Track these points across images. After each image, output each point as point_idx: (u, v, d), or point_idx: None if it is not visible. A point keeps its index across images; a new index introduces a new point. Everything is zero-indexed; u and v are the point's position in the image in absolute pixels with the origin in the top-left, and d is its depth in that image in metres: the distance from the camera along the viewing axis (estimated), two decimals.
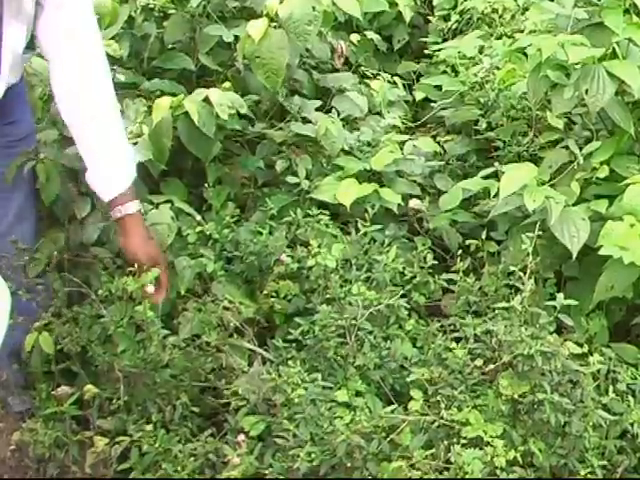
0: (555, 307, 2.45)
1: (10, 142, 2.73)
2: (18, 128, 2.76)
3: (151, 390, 2.63)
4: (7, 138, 2.73)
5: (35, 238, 2.81)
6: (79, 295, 2.78)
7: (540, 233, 2.62)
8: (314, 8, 2.97)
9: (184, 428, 2.55)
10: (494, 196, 3.06)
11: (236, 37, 3.19)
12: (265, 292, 2.81)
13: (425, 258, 2.85)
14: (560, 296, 2.46)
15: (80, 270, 2.83)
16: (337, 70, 3.66)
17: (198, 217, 2.88)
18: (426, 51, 4.25)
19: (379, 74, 3.88)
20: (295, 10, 2.97)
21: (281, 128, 3.22)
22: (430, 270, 2.84)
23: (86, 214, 2.83)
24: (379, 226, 2.92)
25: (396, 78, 3.92)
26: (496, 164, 3.14)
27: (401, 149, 3.27)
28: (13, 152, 2.73)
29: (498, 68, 3.58)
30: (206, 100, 2.90)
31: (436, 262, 2.88)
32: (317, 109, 3.33)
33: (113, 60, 3.11)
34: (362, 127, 3.39)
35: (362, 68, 3.91)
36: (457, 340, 2.56)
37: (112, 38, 3.13)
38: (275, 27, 3.04)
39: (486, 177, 3.17)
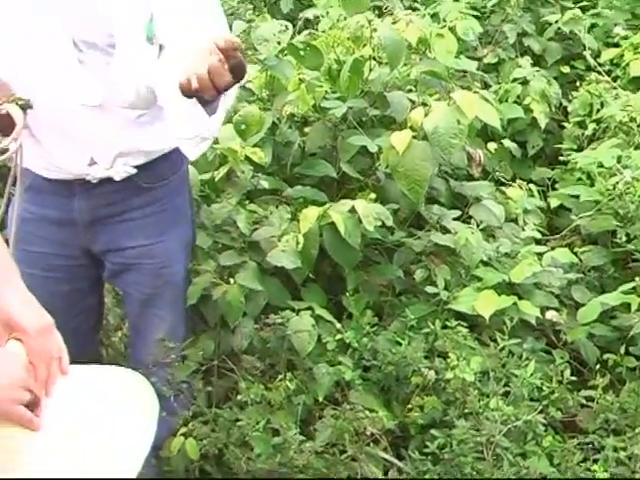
0: None
1: (162, 262, 2.78)
2: (170, 245, 2.79)
3: None
4: (157, 259, 2.77)
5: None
6: (225, 399, 2.87)
7: None
8: (459, 121, 3.04)
9: None
10: (635, 311, 3.05)
11: (378, 146, 3.27)
12: (409, 406, 2.84)
13: (562, 372, 2.86)
14: None
15: (228, 375, 2.91)
16: (473, 177, 3.71)
17: (338, 325, 2.95)
18: (561, 157, 4.28)
19: (514, 181, 3.92)
20: (440, 123, 3.04)
21: (420, 237, 3.27)
22: (568, 385, 2.84)
23: (237, 321, 2.92)
24: (518, 340, 2.94)
25: (531, 185, 3.96)
26: (636, 278, 3.14)
27: (539, 260, 3.29)
28: (166, 272, 2.78)
29: (638, 180, 3.58)
30: (352, 210, 2.98)
31: (573, 377, 2.88)
32: (455, 218, 3.39)
33: (257, 167, 3.23)
34: (500, 237, 3.42)
35: (497, 173, 3.96)
36: (595, 460, 2.54)
37: (256, 145, 3.23)
38: (417, 137, 3.11)
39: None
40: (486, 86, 4.46)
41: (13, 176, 2.46)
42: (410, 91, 3.53)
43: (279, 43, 3.32)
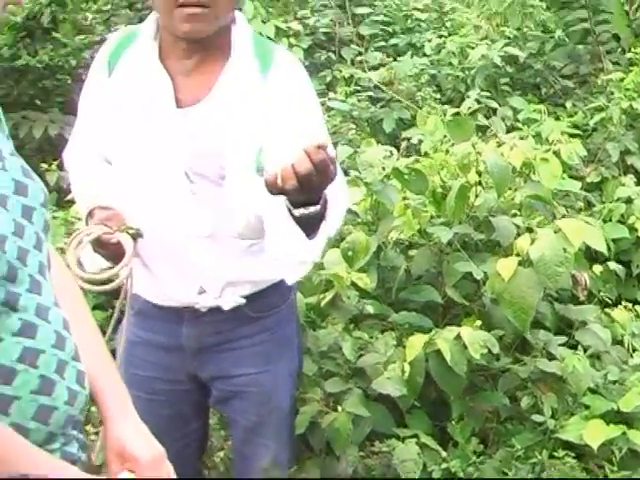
0: None
1: (269, 390, 2.77)
2: (277, 373, 2.78)
3: None
4: (264, 387, 2.76)
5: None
6: None
7: None
8: (565, 249, 3.04)
9: None
10: None
11: (484, 273, 3.28)
12: None
13: None
14: None
15: None
16: (578, 299, 3.68)
17: (443, 453, 2.94)
18: None
19: (619, 301, 3.89)
20: (546, 251, 3.05)
21: (525, 363, 3.26)
22: None
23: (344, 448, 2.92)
24: (627, 471, 2.90)
25: (637, 306, 3.91)
26: None
27: None
28: (272, 400, 2.78)
29: None
30: (457, 338, 2.99)
31: None
32: (561, 343, 3.37)
33: (362, 292, 3.26)
34: (607, 362, 3.39)
35: (601, 294, 3.93)
36: None
37: (361, 269, 3.27)
38: (522, 264, 3.12)
39: None
40: (589, 205, 4.46)
41: (122, 300, 2.53)
42: (515, 215, 3.54)
43: (384, 168, 3.38)
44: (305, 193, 2.05)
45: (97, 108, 2.63)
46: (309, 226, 2.21)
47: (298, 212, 2.13)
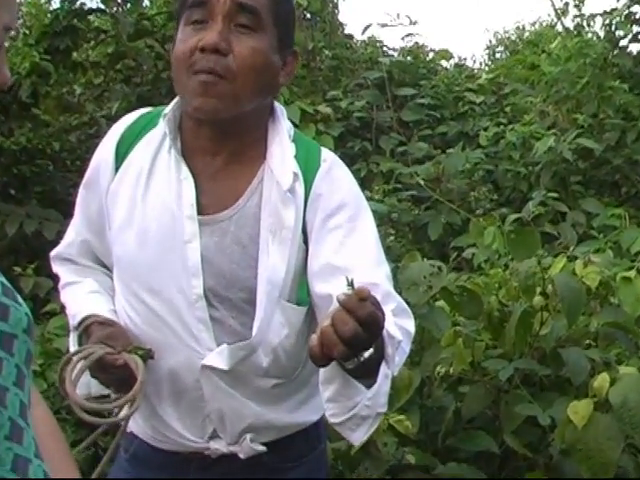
0: None
1: None
2: None
3: None
4: None
5: None
6: None
7: None
8: None
9: None
10: None
11: (551, 418, 3.25)
12: None
13: None
14: None
15: None
16: None
17: None
18: None
19: None
20: (630, 395, 3.01)
21: None
22: None
23: None
24: None
25: None
26: None
27: None
28: None
29: None
30: None
31: None
32: None
33: (401, 437, 3.23)
34: None
35: None
36: None
37: (401, 408, 3.24)
38: (599, 407, 3.09)
39: None
40: None
41: (119, 438, 2.50)
42: (589, 346, 3.52)
43: (430, 287, 3.36)
44: (356, 351, 2.02)
45: (98, 207, 2.60)
46: (366, 371, 2.11)
47: (352, 364, 2.09)
